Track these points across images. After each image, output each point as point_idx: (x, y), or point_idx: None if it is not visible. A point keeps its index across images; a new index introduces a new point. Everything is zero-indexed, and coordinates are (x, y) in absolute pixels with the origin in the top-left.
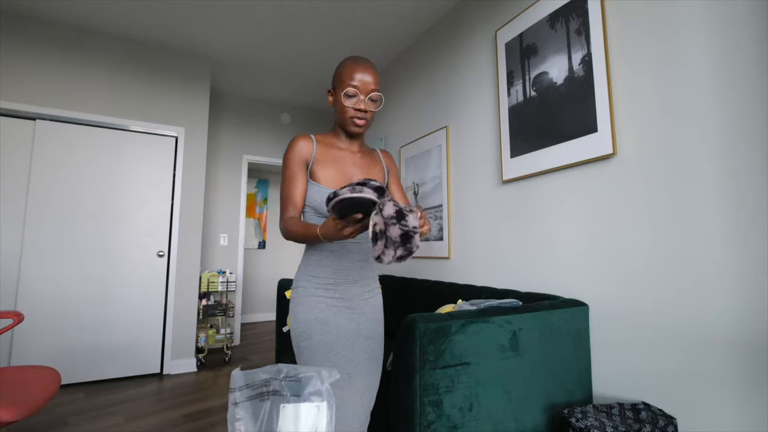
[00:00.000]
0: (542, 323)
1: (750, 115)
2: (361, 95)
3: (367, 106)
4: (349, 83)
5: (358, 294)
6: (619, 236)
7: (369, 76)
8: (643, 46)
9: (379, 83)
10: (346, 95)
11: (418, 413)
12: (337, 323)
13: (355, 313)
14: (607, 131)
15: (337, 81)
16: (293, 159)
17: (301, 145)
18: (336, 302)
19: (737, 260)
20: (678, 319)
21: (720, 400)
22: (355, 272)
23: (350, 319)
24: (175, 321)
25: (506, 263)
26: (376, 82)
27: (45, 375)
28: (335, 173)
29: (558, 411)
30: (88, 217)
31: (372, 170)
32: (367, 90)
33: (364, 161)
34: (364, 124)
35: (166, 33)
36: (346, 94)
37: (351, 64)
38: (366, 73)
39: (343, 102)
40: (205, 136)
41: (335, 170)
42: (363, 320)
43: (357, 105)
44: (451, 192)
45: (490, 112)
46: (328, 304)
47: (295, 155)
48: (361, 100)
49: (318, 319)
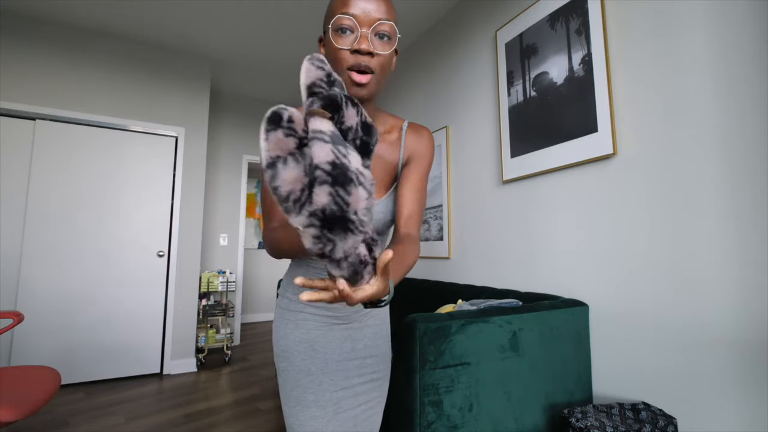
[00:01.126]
0: (542, 323)
1: (750, 115)
2: (363, 28)
3: (373, 46)
4: (342, 11)
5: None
6: (619, 236)
7: (371, 3)
8: (643, 46)
9: (392, 15)
10: (338, 31)
11: (418, 413)
12: (326, 345)
13: (352, 329)
14: (607, 131)
15: (327, 15)
16: None
17: None
18: (328, 319)
19: (737, 260)
20: (678, 318)
21: (720, 400)
22: None
23: (344, 339)
24: (175, 321)
25: (506, 263)
26: (387, 11)
27: (45, 375)
28: None
29: (558, 411)
30: (88, 217)
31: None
32: (369, 20)
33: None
34: (368, 80)
35: (166, 33)
36: (339, 29)
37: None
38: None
39: (335, 43)
40: (205, 136)
41: None
42: (361, 338)
43: (357, 44)
44: (451, 192)
45: (490, 112)
46: (318, 321)
47: None
48: (362, 35)
49: (303, 341)
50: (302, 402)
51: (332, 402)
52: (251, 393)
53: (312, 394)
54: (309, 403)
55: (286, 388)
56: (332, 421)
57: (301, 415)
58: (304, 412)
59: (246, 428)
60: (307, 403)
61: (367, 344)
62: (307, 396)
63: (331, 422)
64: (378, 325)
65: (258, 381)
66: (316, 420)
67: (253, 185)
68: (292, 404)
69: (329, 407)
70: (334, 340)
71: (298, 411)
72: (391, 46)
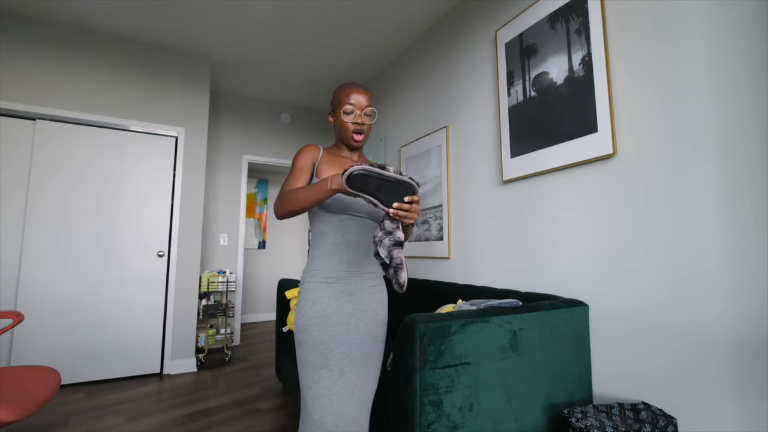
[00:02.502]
0: (542, 323)
1: (750, 115)
2: (358, 111)
3: (363, 120)
4: (347, 102)
5: (361, 288)
6: (620, 236)
7: (363, 96)
8: (643, 45)
9: (371, 101)
10: (345, 112)
11: (418, 413)
12: (337, 321)
13: (358, 308)
14: (607, 131)
15: (336, 103)
16: (302, 158)
17: (311, 149)
18: (339, 295)
19: (737, 260)
20: (678, 318)
21: (720, 400)
22: (358, 265)
23: (351, 315)
24: (175, 321)
25: (506, 263)
26: (369, 99)
27: (45, 375)
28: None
29: (558, 411)
30: (88, 217)
31: None
32: (361, 106)
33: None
34: (362, 139)
35: (166, 33)
36: (345, 112)
37: (347, 88)
38: (360, 93)
39: (343, 118)
40: (205, 136)
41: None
42: (364, 317)
43: (355, 119)
44: (451, 192)
45: (490, 112)
46: (332, 297)
47: (305, 155)
48: (358, 115)
49: (319, 316)
50: (316, 364)
51: (338, 367)
52: (251, 393)
53: (324, 358)
54: (321, 366)
55: (304, 353)
56: (336, 383)
57: (314, 374)
58: (316, 372)
59: (246, 428)
60: (320, 365)
61: (368, 323)
62: (320, 359)
63: (336, 383)
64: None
65: (258, 381)
66: (324, 380)
67: (253, 185)
68: (308, 366)
69: (335, 370)
70: (343, 318)
71: (312, 371)
72: (372, 119)
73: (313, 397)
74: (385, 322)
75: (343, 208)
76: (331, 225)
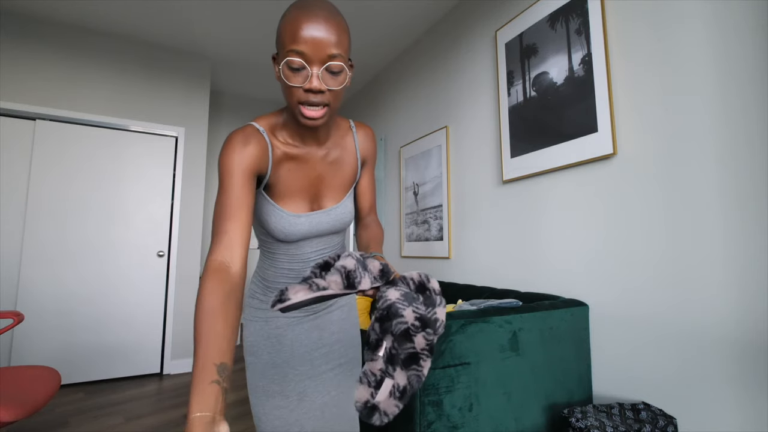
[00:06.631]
0: (542, 323)
1: (750, 116)
2: (313, 67)
3: (325, 83)
4: (291, 48)
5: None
6: (619, 236)
7: (323, 35)
8: (643, 46)
9: (343, 44)
10: (287, 67)
11: (418, 413)
12: (293, 338)
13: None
14: (607, 131)
15: (278, 44)
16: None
17: (253, 153)
18: (297, 317)
19: (737, 259)
20: (678, 319)
21: (720, 400)
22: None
23: (312, 329)
24: (175, 321)
25: (506, 263)
26: (338, 41)
27: (45, 375)
28: (296, 189)
29: (558, 411)
30: (88, 217)
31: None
32: (320, 56)
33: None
34: (322, 114)
35: (166, 33)
36: (288, 66)
37: (297, 14)
38: (319, 29)
39: (286, 81)
40: (205, 136)
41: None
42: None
43: (307, 83)
44: (451, 192)
45: (490, 112)
46: (288, 318)
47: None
48: (312, 74)
49: (271, 336)
50: (267, 392)
51: (296, 391)
52: None
53: (277, 385)
54: (274, 393)
55: (253, 379)
56: (296, 410)
57: (266, 404)
58: (268, 401)
59: (246, 428)
60: (272, 393)
61: (334, 330)
62: (272, 387)
63: (295, 411)
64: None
65: None
66: (279, 409)
67: None
68: (258, 394)
69: (293, 396)
70: (302, 332)
71: (263, 401)
72: (343, 78)
73: (266, 431)
74: (356, 325)
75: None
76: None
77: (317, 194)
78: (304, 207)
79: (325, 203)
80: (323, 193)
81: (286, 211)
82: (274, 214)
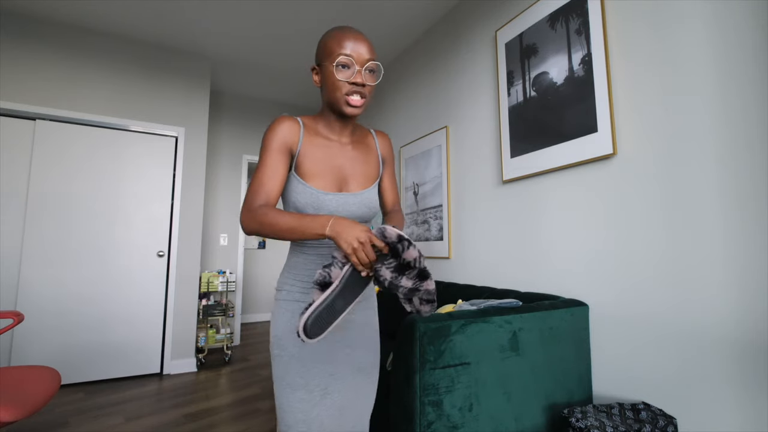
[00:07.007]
0: (542, 323)
1: (750, 116)
2: (357, 66)
3: (365, 79)
4: (341, 52)
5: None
6: (619, 236)
7: (363, 45)
8: (643, 46)
9: (374, 53)
10: (339, 67)
11: (418, 413)
12: None
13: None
14: (607, 131)
15: (324, 54)
16: (275, 138)
17: (287, 129)
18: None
19: (737, 259)
20: (678, 319)
21: (720, 400)
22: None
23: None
24: (175, 321)
25: (506, 263)
26: (372, 51)
27: (45, 375)
28: (324, 168)
29: (558, 411)
30: (88, 217)
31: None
32: (362, 60)
33: (357, 152)
34: (362, 103)
35: (166, 33)
36: (339, 65)
37: (340, 33)
38: (359, 41)
39: (336, 76)
40: (205, 136)
41: (324, 165)
42: (350, 327)
43: (353, 78)
44: (451, 192)
45: (490, 112)
46: None
47: (278, 133)
48: (357, 71)
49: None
50: (292, 385)
51: (320, 387)
52: (251, 393)
53: (301, 378)
54: (298, 387)
55: (279, 372)
56: (318, 405)
57: (291, 396)
58: (293, 394)
59: (246, 428)
60: (296, 386)
61: (356, 335)
62: (297, 380)
63: (317, 406)
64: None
65: (258, 381)
66: (302, 402)
67: None
68: (282, 387)
69: (316, 391)
70: None
71: (288, 393)
72: (377, 77)
73: (288, 422)
74: (376, 331)
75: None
76: None
77: (344, 179)
78: (332, 187)
79: (352, 188)
80: (350, 179)
81: (314, 188)
82: (304, 192)
